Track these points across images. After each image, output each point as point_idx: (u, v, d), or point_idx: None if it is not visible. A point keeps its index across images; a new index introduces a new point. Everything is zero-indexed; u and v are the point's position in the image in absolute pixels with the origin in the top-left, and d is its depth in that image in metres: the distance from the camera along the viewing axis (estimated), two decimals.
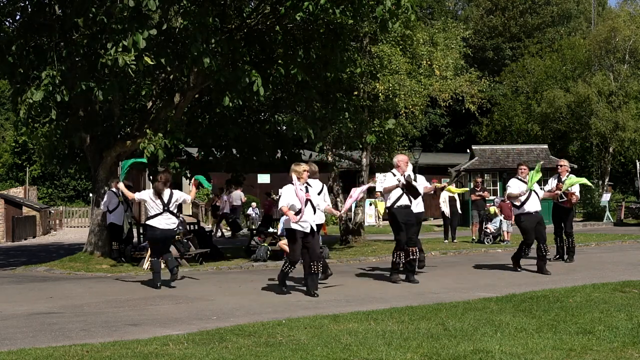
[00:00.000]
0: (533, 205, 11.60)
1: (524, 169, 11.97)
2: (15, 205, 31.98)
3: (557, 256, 13.34)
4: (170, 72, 15.27)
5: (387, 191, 10.67)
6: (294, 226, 9.44)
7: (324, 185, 10.64)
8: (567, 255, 13.04)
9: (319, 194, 10.18)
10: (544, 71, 39.35)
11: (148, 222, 10.61)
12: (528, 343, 5.91)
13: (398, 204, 10.57)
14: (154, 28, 12.61)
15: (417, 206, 10.89)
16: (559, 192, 12.78)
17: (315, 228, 9.63)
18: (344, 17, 13.45)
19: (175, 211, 10.72)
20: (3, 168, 46.41)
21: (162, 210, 10.48)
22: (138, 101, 17.28)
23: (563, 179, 12.95)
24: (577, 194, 12.89)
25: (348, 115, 16.30)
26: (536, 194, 11.71)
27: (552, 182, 13.24)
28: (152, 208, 10.54)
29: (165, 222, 10.51)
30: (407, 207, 10.63)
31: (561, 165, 13.24)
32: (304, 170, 9.68)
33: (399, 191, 10.58)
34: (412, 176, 10.64)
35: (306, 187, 9.72)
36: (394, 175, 10.67)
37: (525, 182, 11.66)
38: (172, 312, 8.35)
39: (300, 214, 9.33)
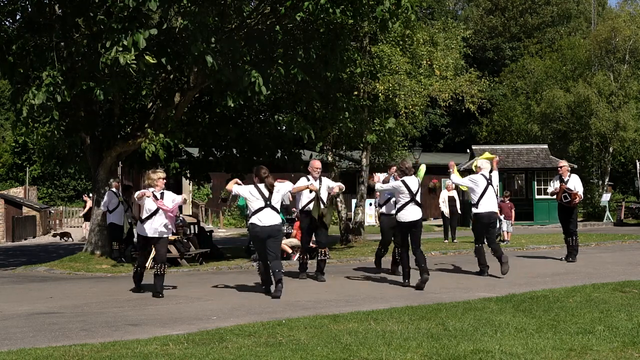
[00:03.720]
0: (391, 208, 11.38)
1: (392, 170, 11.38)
2: (15, 205, 31.99)
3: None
4: (170, 72, 15.27)
5: (297, 191, 11.09)
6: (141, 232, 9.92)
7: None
8: (569, 253, 13.05)
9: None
10: (543, 71, 39.34)
11: (250, 220, 9.69)
12: (528, 343, 5.91)
13: (309, 207, 11.22)
14: (155, 28, 12.62)
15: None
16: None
17: (160, 235, 9.89)
18: (344, 17, 13.45)
19: (278, 208, 9.82)
20: (3, 168, 46.42)
21: (264, 205, 9.56)
22: (138, 101, 17.29)
23: (565, 179, 12.97)
24: (581, 193, 12.89)
25: (348, 115, 16.29)
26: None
27: (554, 184, 13.24)
28: (252, 203, 9.64)
29: (267, 218, 9.56)
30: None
31: (561, 167, 13.27)
32: (159, 178, 9.96)
33: (310, 196, 11.20)
34: (317, 185, 11.19)
35: (161, 194, 9.91)
36: (308, 179, 11.25)
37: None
38: (172, 312, 8.35)
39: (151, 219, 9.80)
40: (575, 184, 12.96)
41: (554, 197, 13.27)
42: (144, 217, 9.82)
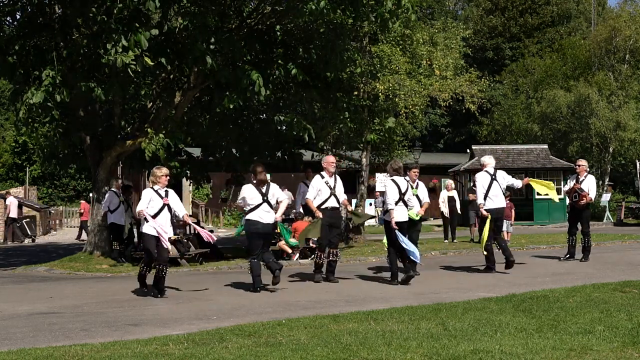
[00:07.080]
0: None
1: (416, 172, 11.28)
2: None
3: (568, 255, 13.35)
4: (170, 72, 15.28)
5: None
6: (148, 230, 9.40)
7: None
8: (583, 254, 13.08)
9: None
10: (544, 71, 39.32)
11: (247, 217, 10.01)
12: (528, 343, 5.91)
13: (325, 205, 10.72)
14: (155, 28, 12.62)
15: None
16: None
17: (166, 235, 9.42)
18: (344, 17, 13.45)
19: (273, 205, 10.19)
20: (3, 168, 46.40)
21: (261, 201, 9.95)
22: (138, 101, 17.28)
23: (581, 179, 12.96)
24: (592, 195, 12.89)
25: (348, 115, 16.31)
26: (418, 199, 11.14)
27: (570, 182, 13.25)
28: (250, 200, 9.98)
29: (266, 214, 9.96)
30: (335, 209, 10.93)
31: (579, 165, 13.26)
32: (163, 175, 9.56)
33: (327, 193, 10.75)
34: (332, 183, 10.80)
35: (165, 191, 9.58)
36: (322, 177, 10.86)
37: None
38: (172, 312, 8.35)
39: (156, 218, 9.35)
40: (589, 184, 12.97)
41: (567, 195, 13.39)
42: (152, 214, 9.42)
